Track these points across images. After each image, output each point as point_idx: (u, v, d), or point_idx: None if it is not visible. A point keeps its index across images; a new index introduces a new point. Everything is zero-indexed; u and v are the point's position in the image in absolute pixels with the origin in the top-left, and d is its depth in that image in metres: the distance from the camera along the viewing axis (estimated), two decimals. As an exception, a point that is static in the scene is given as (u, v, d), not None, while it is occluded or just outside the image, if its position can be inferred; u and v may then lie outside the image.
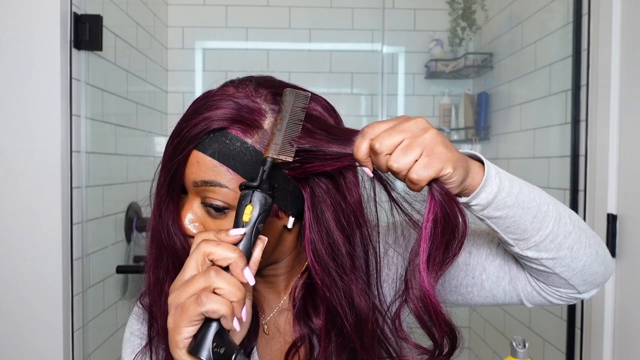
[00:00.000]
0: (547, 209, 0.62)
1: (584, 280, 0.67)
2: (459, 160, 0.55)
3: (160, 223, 0.63)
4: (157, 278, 0.66)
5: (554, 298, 0.70)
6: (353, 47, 2.56)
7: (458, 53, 2.48)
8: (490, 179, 0.58)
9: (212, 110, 0.60)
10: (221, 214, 0.61)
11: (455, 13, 2.44)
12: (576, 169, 1.57)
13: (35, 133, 1.32)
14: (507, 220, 0.61)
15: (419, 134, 0.54)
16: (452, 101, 2.53)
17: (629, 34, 1.36)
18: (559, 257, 0.64)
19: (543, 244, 0.63)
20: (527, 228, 0.62)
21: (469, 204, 0.59)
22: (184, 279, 0.52)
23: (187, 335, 0.51)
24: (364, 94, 2.57)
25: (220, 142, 0.60)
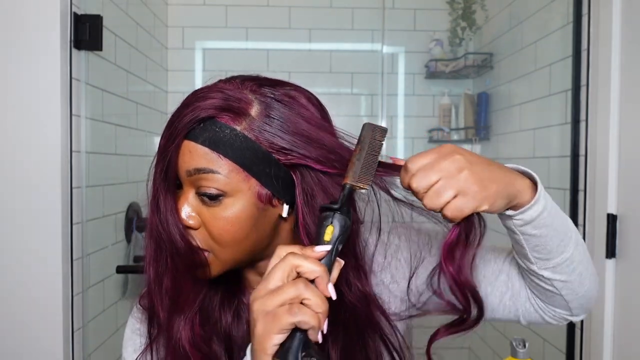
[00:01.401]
0: (571, 234, 0.66)
1: (580, 305, 0.71)
2: (497, 194, 0.57)
3: (158, 217, 0.64)
4: (157, 272, 0.67)
5: (549, 317, 0.73)
6: (353, 47, 2.56)
7: (458, 53, 2.48)
8: (541, 198, 0.61)
9: (200, 101, 0.62)
10: (215, 202, 0.62)
11: (455, 13, 2.44)
12: (576, 169, 1.57)
13: (35, 133, 1.32)
14: (540, 239, 0.63)
15: (454, 174, 0.56)
16: (452, 101, 2.53)
17: (629, 34, 1.36)
18: (569, 281, 0.67)
19: (561, 266, 0.66)
20: (553, 249, 0.65)
21: (513, 217, 0.62)
22: (269, 287, 0.54)
23: (276, 342, 0.53)
24: (364, 94, 2.57)
25: (210, 130, 0.61)
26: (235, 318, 0.72)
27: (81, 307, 1.44)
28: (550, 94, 1.82)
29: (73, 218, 1.39)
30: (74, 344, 1.39)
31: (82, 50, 1.42)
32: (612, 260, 1.40)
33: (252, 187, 0.63)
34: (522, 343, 0.74)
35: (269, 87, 0.65)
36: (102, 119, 1.64)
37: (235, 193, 0.62)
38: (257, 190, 0.63)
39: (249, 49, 2.51)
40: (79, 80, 1.42)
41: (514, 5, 2.16)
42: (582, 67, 1.55)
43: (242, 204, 0.63)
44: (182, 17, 2.48)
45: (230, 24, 2.50)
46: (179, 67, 2.48)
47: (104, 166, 1.67)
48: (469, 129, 2.46)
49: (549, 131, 1.82)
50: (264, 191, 0.63)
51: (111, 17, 1.66)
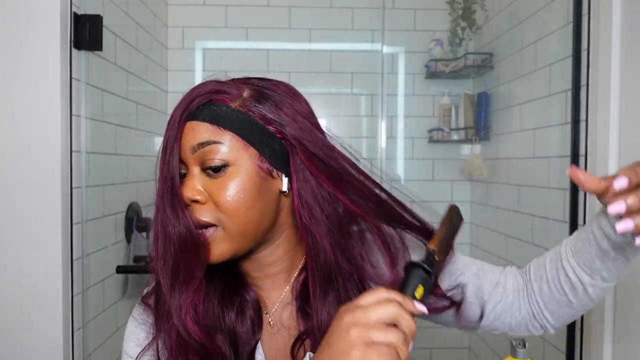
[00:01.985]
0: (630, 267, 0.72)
1: (565, 322, 0.79)
2: None
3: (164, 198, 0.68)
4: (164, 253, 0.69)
5: (532, 327, 0.80)
6: (353, 47, 2.56)
7: (458, 53, 2.49)
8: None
9: (196, 90, 0.70)
10: (220, 173, 0.67)
11: (455, 13, 2.44)
12: (576, 169, 1.57)
13: (35, 133, 1.32)
14: (627, 266, 0.71)
15: None
16: (452, 101, 2.53)
17: (629, 34, 1.36)
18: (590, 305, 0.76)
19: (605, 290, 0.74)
20: (620, 275, 0.73)
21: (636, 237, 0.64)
22: (370, 322, 0.54)
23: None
24: (364, 94, 2.57)
25: (209, 109, 0.69)
26: (239, 315, 0.74)
27: (81, 307, 1.45)
28: (550, 94, 1.82)
29: (73, 218, 1.39)
30: (74, 344, 1.39)
31: (82, 50, 1.42)
32: (612, 260, 1.40)
33: (251, 155, 0.68)
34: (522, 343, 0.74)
35: (257, 80, 0.73)
36: (102, 119, 1.64)
37: (237, 162, 0.68)
38: (256, 160, 0.69)
39: (249, 49, 2.51)
40: (79, 80, 1.42)
41: (514, 5, 2.16)
42: (582, 67, 1.55)
43: (244, 171, 0.68)
44: (182, 17, 2.48)
45: (230, 24, 2.50)
46: (179, 67, 2.48)
47: (104, 166, 1.67)
48: (469, 129, 2.46)
49: (549, 131, 1.82)
50: (263, 162, 0.69)
51: (111, 17, 1.66)
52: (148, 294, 0.76)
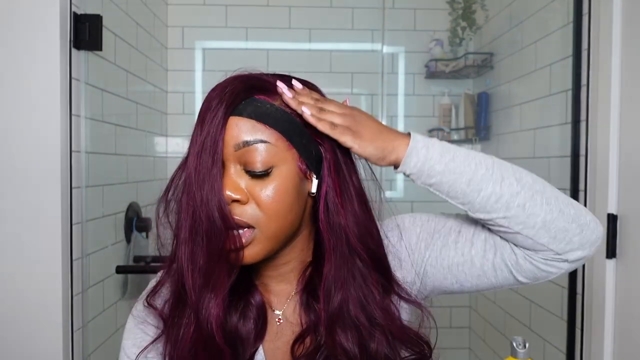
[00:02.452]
0: (484, 172, 0.69)
1: (552, 238, 0.69)
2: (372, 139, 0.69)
3: (202, 196, 0.64)
4: (192, 251, 0.67)
5: (541, 263, 0.71)
6: (353, 47, 2.56)
7: (458, 53, 2.48)
8: (415, 149, 0.69)
9: (233, 85, 0.67)
10: (264, 174, 0.66)
11: (455, 13, 2.43)
12: (576, 169, 1.57)
13: (35, 133, 1.32)
14: (443, 185, 0.69)
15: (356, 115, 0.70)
16: (452, 101, 2.53)
17: (629, 34, 1.36)
18: (511, 216, 0.69)
19: (488, 204, 0.69)
20: (466, 191, 0.69)
21: (405, 174, 0.70)
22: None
23: None
24: (364, 94, 2.57)
25: (253, 105, 0.67)
26: (242, 319, 0.73)
27: (81, 307, 1.44)
28: (550, 94, 1.82)
29: (73, 218, 1.39)
30: (74, 344, 1.39)
31: (81, 50, 1.42)
32: (612, 260, 1.40)
33: (293, 156, 0.68)
34: (522, 343, 0.74)
35: (286, 76, 0.73)
36: (102, 119, 1.64)
37: (282, 163, 0.67)
38: (297, 161, 0.68)
39: (249, 49, 2.51)
40: (79, 80, 1.42)
41: (514, 5, 2.16)
42: (582, 67, 1.55)
43: (287, 173, 0.67)
44: (182, 17, 2.48)
45: (230, 24, 2.50)
46: (179, 67, 2.48)
47: (104, 166, 1.67)
48: (469, 129, 2.46)
49: (549, 131, 1.82)
50: (302, 163, 0.69)
51: (111, 17, 1.66)
52: (152, 294, 0.74)
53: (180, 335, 0.70)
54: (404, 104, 2.58)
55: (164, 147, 2.38)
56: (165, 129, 2.40)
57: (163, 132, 2.38)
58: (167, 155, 2.38)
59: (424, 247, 0.77)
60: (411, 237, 0.78)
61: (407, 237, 0.78)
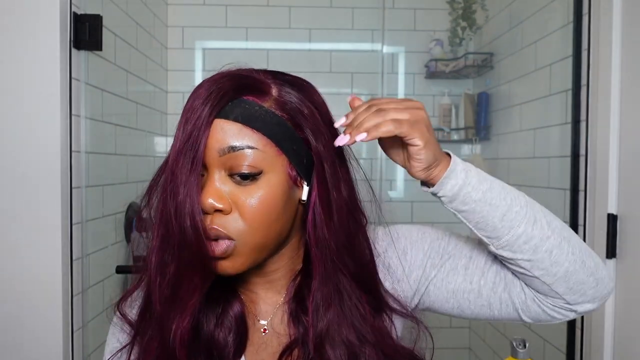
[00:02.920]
0: (519, 210, 0.66)
1: (569, 289, 0.67)
2: (433, 143, 0.63)
3: (176, 203, 0.60)
4: (162, 260, 0.64)
5: (548, 308, 0.69)
6: (353, 47, 2.56)
7: (458, 53, 2.48)
8: (455, 172, 0.64)
9: (221, 84, 0.62)
10: (251, 181, 0.62)
11: (455, 13, 2.43)
12: (576, 169, 1.57)
13: (35, 133, 1.32)
14: (475, 215, 0.65)
15: (413, 107, 0.63)
16: (452, 101, 2.53)
17: (629, 34, 1.36)
18: (536, 260, 0.66)
19: (517, 244, 0.65)
20: (497, 226, 0.65)
21: (437, 194, 0.65)
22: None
23: None
24: (364, 94, 2.57)
25: (241, 107, 0.62)
26: (218, 326, 0.69)
27: (81, 307, 1.44)
28: (550, 94, 1.82)
29: (73, 218, 1.39)
30: (74, 344, 1.39)
31: (81, 50, 1.42)
32: (612, 260, 1.40)
33: (283, 163, 0.63)
34: (522, 343, 0.74)
35: (280, 75, 0.68)
36: (102, 119, 1.64)
37: (270, 169, 0.62)
38: (287, 168, 0.64)
39: (249, 49, 2.51)
40: (79, 80, 1.42)
41: (514, 5, 2.16)
42: (582, 67, 1.55)
43: (276, 180, 0.63)
44: (182, 17, 2.48)
45: (230, 24, 2.50)
46: (179, 67, 2.48)
47: (104, 166, 1.67)
48: (469, 129, 2.46)
49: (549, 131, 1.82)
50: (292, 170, 0.64)
51: (111, 17, 1.66)
52: (123, 299, 0.72)
53: (144, 347, 0.67)
54: (404, 104, 2.57)
55: (164, 147, 2.38)
56: (165, 129, 2.40)
57: (163, 132, 2.38)
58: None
59: (429, 266, 0.73)
60: (418, 252, 0.74)
61: (413, 252, 0.74)
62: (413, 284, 0.74)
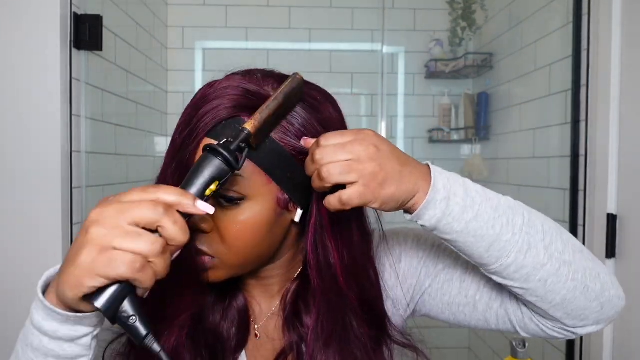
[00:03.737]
0: (509, 238, 0.59)
1: (567, 314, 0.63)
2: (392, 196, 0.56)
3: None
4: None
5: (547, 328, 0.66)
6: (353, 47, 2.56)
7: (458, 53, 2.49)
8: (434, 202, 0.57)
9: (221, 98, 0.59)
10: (233, 205, 0.59)
11: (455, 13, 2.44)
12: (576, 169, 1.57)
13: (35, 133, 1.32)
14: (458, 244, 0.60)
15: (363, 160, 0.55)
16: (452, 101, 2.53)
17: (629, 34, 1.36)
18: (529, 289, 0.61)
19: (506, 272, 0.60)
20: (483, 255, 0.60)
21: (417, 222, 0.59)
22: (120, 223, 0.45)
23: (96, 284, 0.45)
24: (364, 94, 2.57)
25: (233, 129, 0.57)
26: (224, 319, 0.69)
27: (81, 307, 1.44)
28: (550, 94, 1.82)
29: (73, 218, 1.39)
30: (74, 344, 1.39)
31: (82, 50, 1.42)
32: (612, 260, 1.40)
33: (272, 190, 0.60)
34: (522, 343, 0.74)
35: (285, 76, 0.64)
36: (102, 119, 1.64)
37: (255, 197, 0.59)
38: (277, 195, 0.61)
39: (249, 49, 2.51)
40: (79, 80, 1.42)
41: (514, 5, 2.16)
42: (582, 67, 1.55)
43: (260, 208, 0.60)
44: (182, 17, 2.48)
45: (230, 24, 2.50)
46: (179, 67, 2.48)
47: (104, 166, 1.67)
48: (469, 129, 2.46)
49: (549, 131, 1.82)
50: (283, 196, 0.61)
51: (111, 17, 1.66)
52: None
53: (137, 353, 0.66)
54: (403, 104, 2.58)
55: (164, 147, 2.38)
56: (165, 129, 2.40)
57: (163, 132, 2.38)
58: (167, 155, 2.38)
59: (424, 275, 0.71)
60: (412, 260, 0.72)
61: (408, 259, 0.72)
62: (407, 292, 0.72)
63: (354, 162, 0.54)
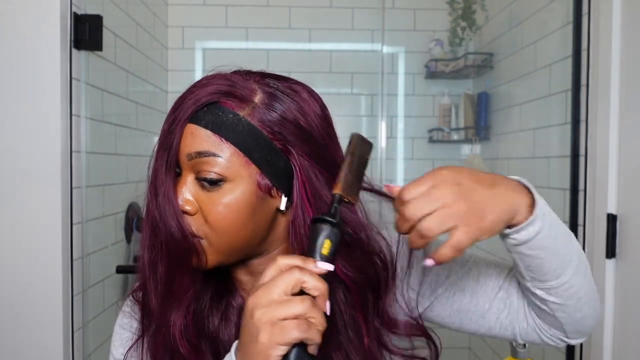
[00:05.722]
0: (571, 258, 0.63)
1: (576, 330, 0.69)
2: (496, 222, 0.56)
3: (155, 202, 0.63)
4: (151, 258, 0.66)
5: (546, 337, 0.71)
6: (353, 47, 2.56)
7: (458, 53, 2.48)
8: (537, 219, 0.59)
9: (204, 87, 0.63)
10: (215, 187, 0.62)
11: (455, 13, 2.44)
12: (576, 169, 1.57)
13: (35, 133, 1.32)
14: (535, 260, 0.62)
15: (450, 204, 0.54)
16: (452, 101, 2.53)
17: (629, 34, 1.36)
18: (565, 305, 0.66)
19: (556, 290, 0.64)
20: (549, 272, 0.63)
21: (508, 236, 0.60)
22: (273, 297, 0.53)
23: (281, 353, 0.53)
24: (364, 94, 2.57)
25: (214, 114, 0.62)
26: (223, 321, 0.70)
27: (81, 307, 1.45)
28: (550, 94, 1.82)
29: (73, 218, 1.39)
30: (74, 344, 1.39)
31: (82, 50, 1.42)
32: (612, 260, 1.40)
33: (252, 174, 0.62)
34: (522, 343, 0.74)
35: (273, 79, 0.66)
36: (102, 119, 1.64)
37: (235, 178, 0.62)
38: (257, 178, 0.63)
39: (249, 49, 2.51)
40: (79, 80, 1.42)
41: (514, 5, 2.16)
42: (582, 67, 1.55)
43: (241, 190, 0.62)
44: (182, 17, 2.48)
45: (230, 24, 2.50)
46: (179, 67, 2.48)
47: (104, 166, 1.67)
48: (469, 129, 2.46)
49: (549, 131, 1.82)
50: (264, 180, 0.63)
51: (111, 17, 1.66)
52: (136, 288, 0.72)
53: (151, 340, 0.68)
54: (404, 104, 2.58)
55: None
56: (165, 129, 2.40)
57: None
58: (167, 155, 2.38)
59: (435, 283, 0.73)
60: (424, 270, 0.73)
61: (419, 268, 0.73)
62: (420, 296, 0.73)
63: (446, 208, 0.54)
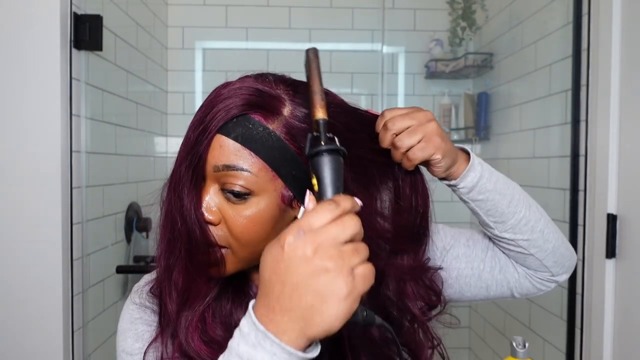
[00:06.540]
0: (519, 197, 0.75)
1: (555, 262, 0.78)
2: (449, 150, 0.69)
3: (179, 209, 0.63)
4: (168, 264, 0.66)
5: (537, 282, 0.80)
6: (353, 47, 2.56)
7: (458, 53, 2.48)
8: (474, 166, 0.71)
9: (233, 97, 0.62)
10: (240, 200, 0.62)
11: (455, 13, 2.44)
12: (576, 169, 1.57)
13: (35, 133, 1.32)
14: (488, 203, 0.73)
15: (424, 122, 0.68)
16: (452, 101, 2.53)
17: (629, 34, 1.36)
18: (533, 239, 0.76)
19: (518, 226, 0.75)
20: (505, 211, 0.74)
21: (457, 186, 0.72)
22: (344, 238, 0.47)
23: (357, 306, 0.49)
24: (364, 94, 2.57)
25: (243, 127, 0.61)
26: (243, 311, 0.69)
27: (81, 307, 1.45)
28: (550, 94, 1.82)
29: (73, 218, 1.39)
30: (74, 344, 1.39)
31: (82, 50, 1.42)
32: (612, 260, 1.40)
33: (277, 187, 0.63)
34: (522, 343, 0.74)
35: (303, 88, 0.65)
36: (102, 119, 1.64)
37: (261, 192, 0.62)
38: (282, 192, 0.63)
39: (249, 49, 2.51)
40: (79, 80, 1.42)
41: (514, 5, 2.16)
42: (582, 67, 1.55)
43: (265, 203, 0.63)
44: (182, 17, 2.48)
45: (230, 24, 2.50)
46: (179, 67, 2.48)
47: (104, 166, 1.67)
48: (469, 129, 2.46)
49: (549, 131, 1.82)
50: (288, 192, 0.63)
51: (111, 17, 1.66)
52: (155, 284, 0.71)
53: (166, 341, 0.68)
54: (404, 104, 2.58)
55: (164, 147, 2.39)
56: (165, 129, 2.40)
57: (163, 132, 2.38)
58: (167, 155, 2.38)
59: (438, 257, 0.79)
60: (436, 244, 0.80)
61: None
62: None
63: (418, 125, 0.68)
